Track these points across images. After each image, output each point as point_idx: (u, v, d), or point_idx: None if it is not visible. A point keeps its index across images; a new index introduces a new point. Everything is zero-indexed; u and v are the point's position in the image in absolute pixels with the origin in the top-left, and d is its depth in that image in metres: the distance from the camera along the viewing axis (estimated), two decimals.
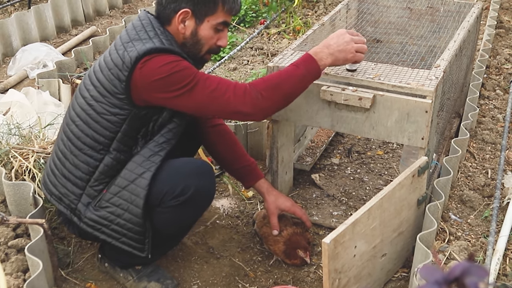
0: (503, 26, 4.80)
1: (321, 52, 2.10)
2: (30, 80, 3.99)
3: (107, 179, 2.07)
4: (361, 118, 2.30)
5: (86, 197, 2.09)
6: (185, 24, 2.06)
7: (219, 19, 2.08)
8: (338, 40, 2.11)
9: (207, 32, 2.08)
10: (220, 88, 1.99)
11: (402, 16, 3.20)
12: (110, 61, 2.00)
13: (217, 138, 2.45)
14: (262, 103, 2.01)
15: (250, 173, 2.43)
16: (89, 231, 2.10)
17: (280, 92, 2.05)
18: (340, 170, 3.05)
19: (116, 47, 2.02)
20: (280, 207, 2.39)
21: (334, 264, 1.90)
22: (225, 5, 2.07)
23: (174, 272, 2.38)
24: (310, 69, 2.08)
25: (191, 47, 2.09)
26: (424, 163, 2.18)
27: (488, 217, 2.54)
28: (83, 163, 2.06)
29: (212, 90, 1.98)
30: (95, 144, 2.04)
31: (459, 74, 2.95)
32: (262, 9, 5.24)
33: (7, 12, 5.07)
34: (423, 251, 2.05)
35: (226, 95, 1.99)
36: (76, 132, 2.07)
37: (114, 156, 2.05)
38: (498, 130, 3.28)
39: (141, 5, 5.63)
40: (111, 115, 2.01)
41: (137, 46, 1.95)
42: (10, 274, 2.12)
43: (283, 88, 2.05)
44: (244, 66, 4.24)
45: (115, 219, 2.06)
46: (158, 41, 1.97)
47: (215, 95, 1.98)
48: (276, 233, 2.37)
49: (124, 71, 1.94)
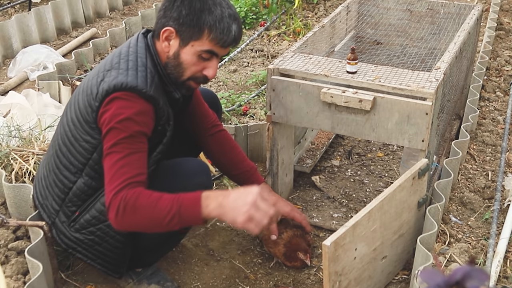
0: (503, 28, 4.80)
1: (214, 199, 1.80)
2: (30, 82, 3.99)
3: (79, 202, 2.05)
4: (362, 120, 2.30)
5: (63, 215, 2.10)
6: (170, 43, 1.97)
7: (204, 46, 1.94)
8: (239, 195, 1.80)
9: (189, 57, 1.96)
10: (116, 172, 1.82)
11: (402, 18, 3.20)
12: (89, 86, 1.95)
13: (215, 146, 2.43)
14: (117, 217, 1.80)
15: (249, 178, 2.42)
16: (64, 248, 2.13)
17: (138, 219, 1.81)
18: (341, 172, 3.05)
19: (98, 71, 1.97)
20: (278, 212, 2.37)
21: (335, 266, 1.90)
22: (211, 33, 1.92)
23: (174, 274, 2.38)
24: (186, 212, 1.79)
25: (172, 68, 1.99)
26: (424, 165, 2.18)
27: (488, 219, 2.53)
28: (60, 182, 2.06)
29: (113, 163, 1.83)
30: (70, 166, 2.03)
31: (459, 76, 2.95)
32: (262, 11, 5.24)
33: (8, 14, 5.07)
34: (424, 254, 2.04)
35: (111, 184, 1.82)
36: (59, 149, 2.07)
37: (85, 182, 2.01)
38: (499, 132, 3.28)
39: (141, 7, 5.63)
40: (83, 141, 1.97)
41: (111, 77, 1.89)
42: (10, 277, 2.12)
43: (144, 217, 1.80)
44: (244, 68, 4.24)
45: (93, 245, 2.07)
46: (132, 74, 1.89)
47: (109, 170, 1.84)
48: (275, 238, 2.36)
49: (95, 101, 1.90)
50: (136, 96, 1.87)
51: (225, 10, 1.94)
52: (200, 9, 1.91)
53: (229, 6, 1.97)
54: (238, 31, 1.98)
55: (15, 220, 2.31)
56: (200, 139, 2.42)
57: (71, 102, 2.06)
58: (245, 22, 5.10)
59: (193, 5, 1.91)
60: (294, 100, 2.40)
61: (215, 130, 2.42)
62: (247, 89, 3.85)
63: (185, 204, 1.79)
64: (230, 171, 2.47)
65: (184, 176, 2.06)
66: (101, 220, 2.02)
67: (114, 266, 2.13)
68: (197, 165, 2.13)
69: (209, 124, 2.41)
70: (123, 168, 1.83)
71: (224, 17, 1.93)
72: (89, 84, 1.96)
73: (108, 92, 1.86)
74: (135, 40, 2.03)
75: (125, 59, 1.95)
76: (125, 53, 1.98)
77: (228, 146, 2.44)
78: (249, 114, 3.40)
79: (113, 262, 2.11)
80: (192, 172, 2.08)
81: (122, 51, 2.01)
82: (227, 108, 3.42)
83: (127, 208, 1.79)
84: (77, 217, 2.06)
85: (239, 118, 3.36)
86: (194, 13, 1.91)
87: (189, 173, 2.07)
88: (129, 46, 2.02)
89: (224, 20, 1.93)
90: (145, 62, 1.96)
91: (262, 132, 3.04)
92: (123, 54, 1.99)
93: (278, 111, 2.46)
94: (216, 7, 1.93)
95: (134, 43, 2.02)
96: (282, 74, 2.44)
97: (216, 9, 1.93)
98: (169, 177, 2.04)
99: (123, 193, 1.80)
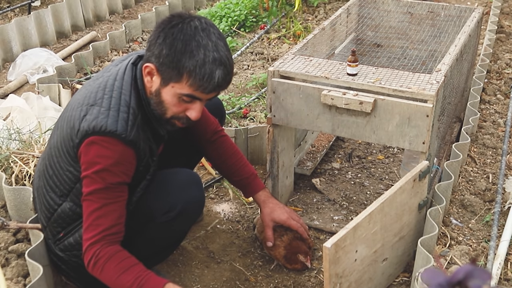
0: (504, 31, 4.81)
1: None
2: (30, 85, 3.99)
3: (64, 224, 2.04)
4: (362, 122, 2.30)
5: (49, 232, 2.10)
6: (152, 78, 1.88)
7: (184, 90, 1.83)
8: None
9: (169, 98, 1.87)
10: (91, 222, 1.87)
11: (403, 21, 3.20)
12: (73, 118, 1.90)
13: (215, 152, 2.41)
14: (88, 267, 1.90)
15: (249, 184, 2.41)
16: (53, 259, 2.13)
17: (102, 280, 1.91)
18: (341, 175, 3.04)
19: (83, 102, 1.91)
20: (275, 220, 2.36)
21: (335, 268, 1.89)
22: (190, 78, 1.80)
23: (174, 276, 2.38)
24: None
25: (155, 105, 1.91)
26: (425, 168, 2.17)
27: (489, 221, 2.53)
28: (47, 202, 2.05)
29: (90, 212, 1.87)
30: (56, 189, 2.01)
31: (460, 78, 2.95)
32: (262, 14, 5.24)
33: (7, 17, 5.08)
34: (424, 256, 2.04)
35: (87, 233, 1.88)
36: (46, 169, 2.05)
37: (70, 207, 1.99)
38: (499, 134, 3.27)
39: (141, 11, 5.63)
40: (67, 171, 1.95)
41: (92, 116, 1.84)
42: (10, 279, 2.11)
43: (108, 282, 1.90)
44: (244, 71, 4.24)
45: (76, 267, 2.07)
46: (113, 116, 1.84)
47: (86, 218, 1.88)
48: (270, 245, 2.36)
49: (76, 137, 1.87)
50: (115, 142, 1.83)
51: (210, 53, 1.80)
52: (181, 51, 1.79)
53: (216, 49, 1.82)
54: (222, 77, 1.83)
55: (15, 223, 2.30)
56: (200, 145, 2.41)
57: (59, 123, 2.01)
58: (245, 25, 5.11)
59: (174, 45, 1.80)
60: (294, 102, 2.40)
61: (216, 136, 2.40)
62: (247, 91, 3.85)
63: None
64: (231, 177, 2.46)
65: (175, 191, 2.04)
66: None
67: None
68: (188, 178, 2.11)
69: (209, 132, 2.38)
70: (98, 220, 1.87)
71: (207, 62, 1.80)
72: (73, 115, 1.90)
73: (87, 133, 1.83)
74: (122, 73, 1.94)
75: (108, 95, 1.89)
76: (110, 88, 1.91)
77: (229, 152, 2.41)
78: (249, 117, 3.40)
79: (95, 285, 2.07)
80: (183, 187, 2.07)
81: (108, 83, 1.92)
82: (227, 111, 3.41)
83: (97, 265, 1.87)
84: (61, 237, 2.06)
85: (239, 121, 3.36)
86: (174, 55, 1.80)
87: (180, 188, 2.06)
88: (115, 78, 1.93)
89: (205, 66, 1.80)
90: (128, 102, 1.88)
91: (263, 134, 3.03)
92: (108, 88, 1.91)
93: (278, 113, 2.46)
94: (199, 50, 1.80)
95: (121, 75, 1.93)
96: (282, 76, 2.44)
97: (199, 52, 1.79)
98: (160, 193, 2.04)
99: (97, 247, 1.87)
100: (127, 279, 1.85)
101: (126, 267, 1.87)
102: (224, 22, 5.00)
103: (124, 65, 1.97)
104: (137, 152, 1.89)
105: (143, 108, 1.93)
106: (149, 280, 1.86)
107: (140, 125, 1.90)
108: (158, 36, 1.83)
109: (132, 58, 1.98)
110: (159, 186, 2.04)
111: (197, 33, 1.81)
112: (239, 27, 5.07)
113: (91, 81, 2.03)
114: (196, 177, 2.15)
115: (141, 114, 1.91)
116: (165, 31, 1.82)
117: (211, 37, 1.83)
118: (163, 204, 2.02)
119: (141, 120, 1.91)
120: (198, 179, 2.16)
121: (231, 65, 1.87)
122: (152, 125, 1.97)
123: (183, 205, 2.02)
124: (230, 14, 5.07)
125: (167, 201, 2.02)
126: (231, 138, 2.97)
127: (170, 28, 1.82)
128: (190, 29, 1.81)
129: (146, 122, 1.94)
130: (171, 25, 1.83)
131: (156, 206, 2.01)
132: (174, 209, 2.01)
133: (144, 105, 1.93)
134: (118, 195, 1.89)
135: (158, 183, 2.05)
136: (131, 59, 1.98)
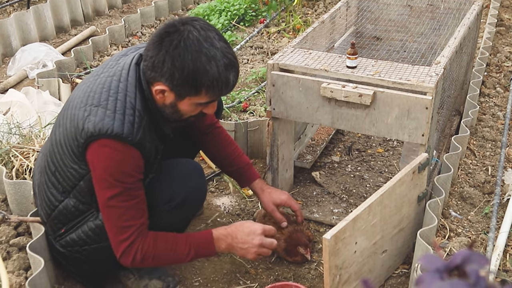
0: (504, 24, 4.80)
1: (224, 240, 2.07)
2: (30, 80, 3.99)
3: (65, 220, 2.05)
4: (362, 115, 2.30)
5: (49, 229, 2.11)
6: (164, 94, 1.89)
7: (202, 100, 1.89)
8: (246, 238, 2.07)
9: (188, 107, 1.91)
10: (122, 225, 1.92)
11: (402, 14, 3.20)
12: (76, 116, 1.89)
13: (210, 143, 2.43)
14: (134, 263, 1.97)
15: (245, 174, 2.43)
16: (54, 254, 2.16)
17: (158, 263, 2.04)
18: (341, 168, 3.05)
19: (87, 101, 1.90)
20: (275, 202, 2.38)
21: (335, 260, 1.90)
22: (209, 91, 1.85)
23: (175, 269, 2.38)
24: (203, 253, 2.06)
25: (170, 114, 1.95)
26: (424, 160, 2.18)
27: (488, 213, 2.54)
28: (47, 198, 2.06)
29: (117, 217, 1.92)
30: (58, 186, 2.02)
31: (459, 71, 2.96)
32: (262, 8, 5.24)
33: (6, 12, 5.07)
34: (424, 247, 2.05)
35: (120, 235, 1.93)
36: (47, 165, 2.05)
37: (74, 204, 2.00)
38: (499, 127, 3.28)
39: (140, 5, 5.63)
40: (71, 168, 1.95)
41: (97, 117, 1.84)
42: (12, 272, 2.12)
43: (164, 262, 2.05)
44: (244, 65, 4.24)
45: (77, 262, 2.10)
46: (119, 119, 1.84)
47: (114, 223, 1.93)
48: (286, 225, 2.37)
49: (80, 137, 1.87)
50: (122, 144, 1.85)
51: (221, 62, 1.82)
52: (194, 71, 1.80)
53: (223, 54, 1.83)
54: (235, 76, 1.89)
55: (16, 216, 2.31)
56: (196, 137, 2.42)
57: (61, 121, 2.00)
58: (245, 19, 5.11)
59: (185, 66, 1.79)
60: (294, 95, 2.40)
61: (211, 128, 2.42)
62: (247, 86, 3.85)
63: (201, 247, 2.03)
64: (226, 168, 2.48)
65: (178, 180, 2.07)
66: (88, 243, 2.04)
67: (94, 283, 2.21)
68: (191, 168, 2.15)
69: (206, 125, 2.40)
70: (127, 222, 1.93)
71: (221, 73, 1.82)
72: (77, 114, 1.89)
73: (93, 134, 1.83)
74: (126, 74, 1.93)
75: (114, 97, 1.88)
76: (115, 89, 1.90)
77: (223, 143, 2.43)
78: (249, 111, 3.41)
79: (93, 280, 2.19)
80: (186, 176, 2.10)
81: (112, 85, 1.91)
82: (227, 105, 3.42)
83: (146, 257, 1.96)
84: (63, 233, 2.07)
85: (239, 115, 3.37)
86: (188, 75, 1.80)
87: (183, 177, 2.09)
88: (119, 80, 1.92)
89: (221, 76, 1.83)
90: (134, 104, 1.89)
91: (262, 128, 3.04)
92: (112, 90, 1.90)
93: (278, 107, 2.46)
94: (210, 64, 1.80)
95: (124, 77, 1.92)
96: (282, 69, 2.44)
97: (212, 66, 1.81)
98: (163, 182, 2.06)
99: (137, 245, 1.94)
100: (180, 250, 2.00)
101: (173, 242, 2.00)
102: (224, 16, 4.99)
103: (127, 65, 1.96)
104: (143, 153, 1.91)
105: (148, 109, 1.94)
106: (196, 238, 2.04)
107: (146, 126, 1.91)
108: (164, 60, 1.81)
109: (134, 57, 1.97)
110: (162, 176, 2.06)
111: (202, 46, 1.81)
112: (239, 21, 5.06)
113: (91, 77, 2.02)
114: (198, 167, 2.18)
115: (147, 116, 1.92)
116: (169, 53, 1.80)
117: (214, 44, 1.83)
118: (166, 193, 2.04)
119: (147, 122, 1.92)
120: (200, 169, 2.19)
121: (237, 62, 1.91)
122: (157, 124, 1.98)
123: (185, 195, 2.06)
124: (229, 8, 5.06)
125: (170, 190, 2.05)
126: (231, 132, 2.99)
127: (174, 49, 1.80)
128: (193, 44, 1.80)
129: (151, 123, 1.95)
130: (173, 46, 1.80)
131: (159, 195, 2.03)
132: (176, 198, 2.04)
133: (150, 106, 1.94)
134: (137, 193, 1.94)
135: (161, 173, 2.06)
136: (133, 59, 1.97)
